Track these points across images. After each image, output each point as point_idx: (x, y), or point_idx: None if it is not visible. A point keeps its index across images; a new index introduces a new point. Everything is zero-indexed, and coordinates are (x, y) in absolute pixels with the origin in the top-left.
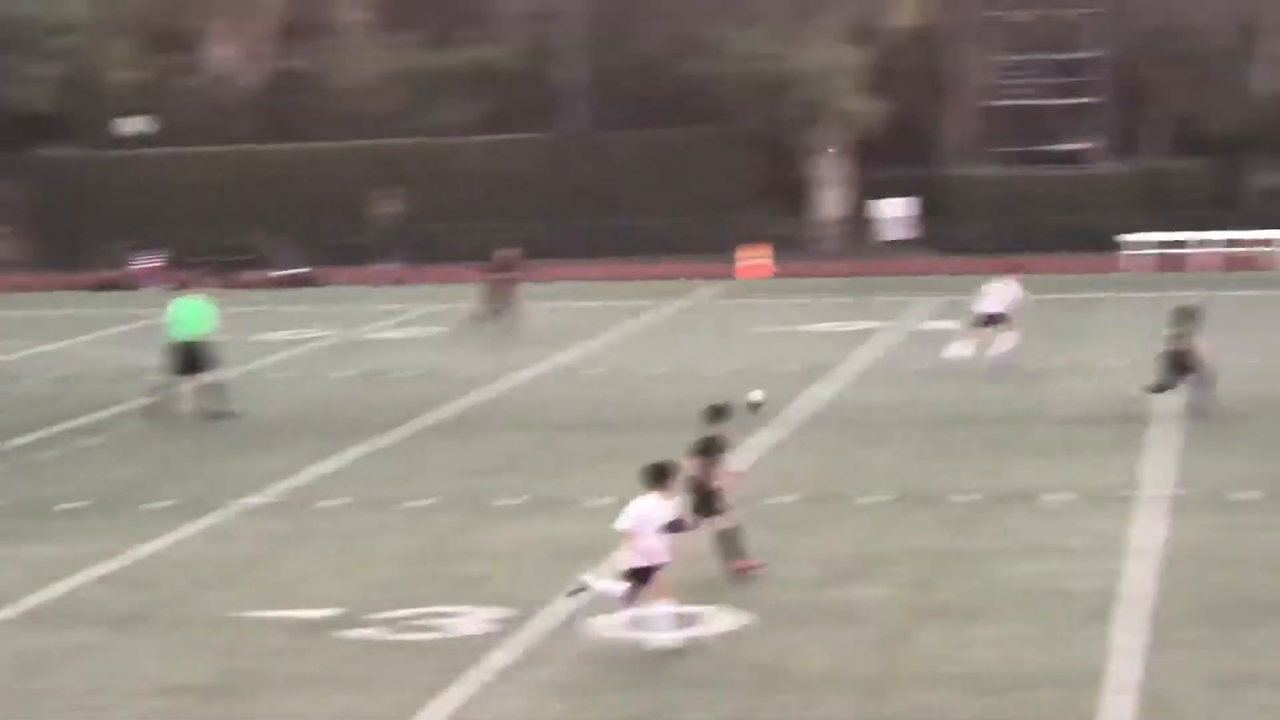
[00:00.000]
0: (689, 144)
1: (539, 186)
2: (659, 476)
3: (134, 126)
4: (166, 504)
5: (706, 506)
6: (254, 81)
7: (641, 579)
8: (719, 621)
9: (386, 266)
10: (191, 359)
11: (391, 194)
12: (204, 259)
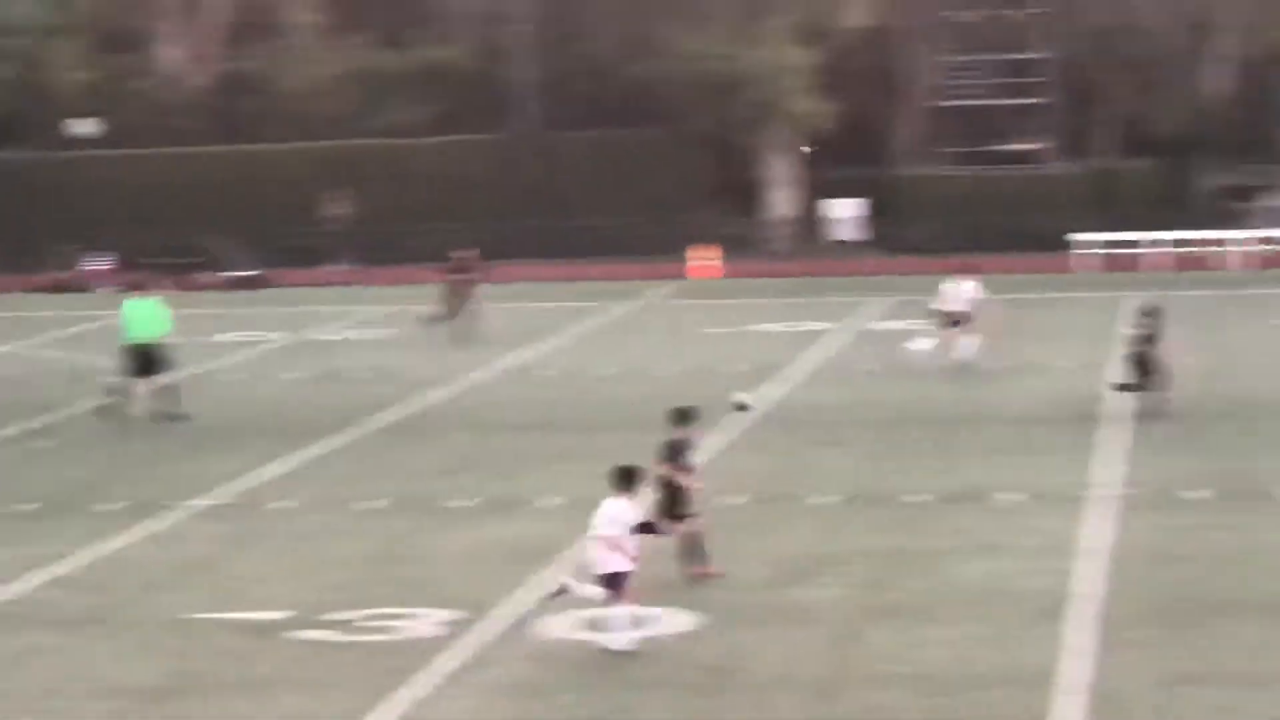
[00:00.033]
0: (640, 144)
1: (490, 187)
2: (627, 479)
3: (84, 128)
4: (119, 506)
5: (674, 509)
6: (204, 83)
7: (617, 583)
8: (671, 622)
9: (337, 268)
10: (146, 361)
11: (341, 195)
12: (153, 261)
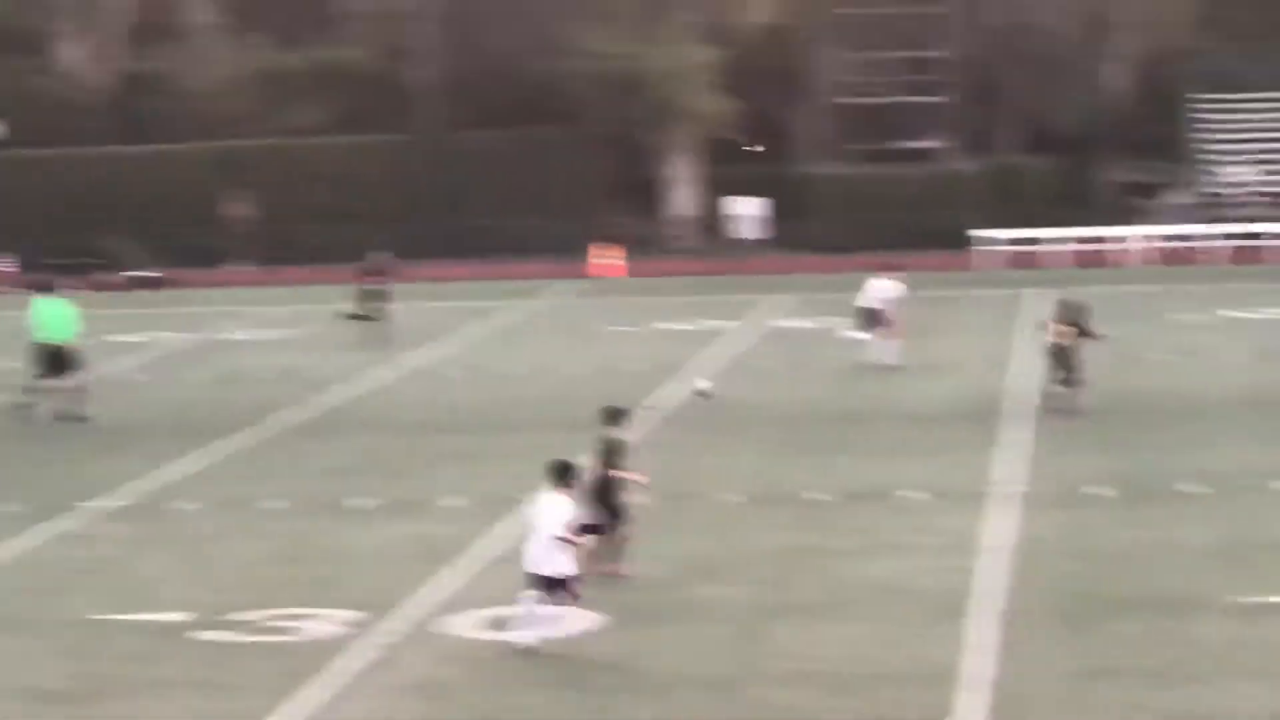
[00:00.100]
0: (542, 144)
1: (392, 187)
2: (563, 475)
3: None
4: (20, 508)
5: (608, 508)
6: (104, 83)
7: (565, 582)
8: (575, 621)
9: (239, 268)
10: (56, 361)
11: (243, 196)
12: (55, 262)
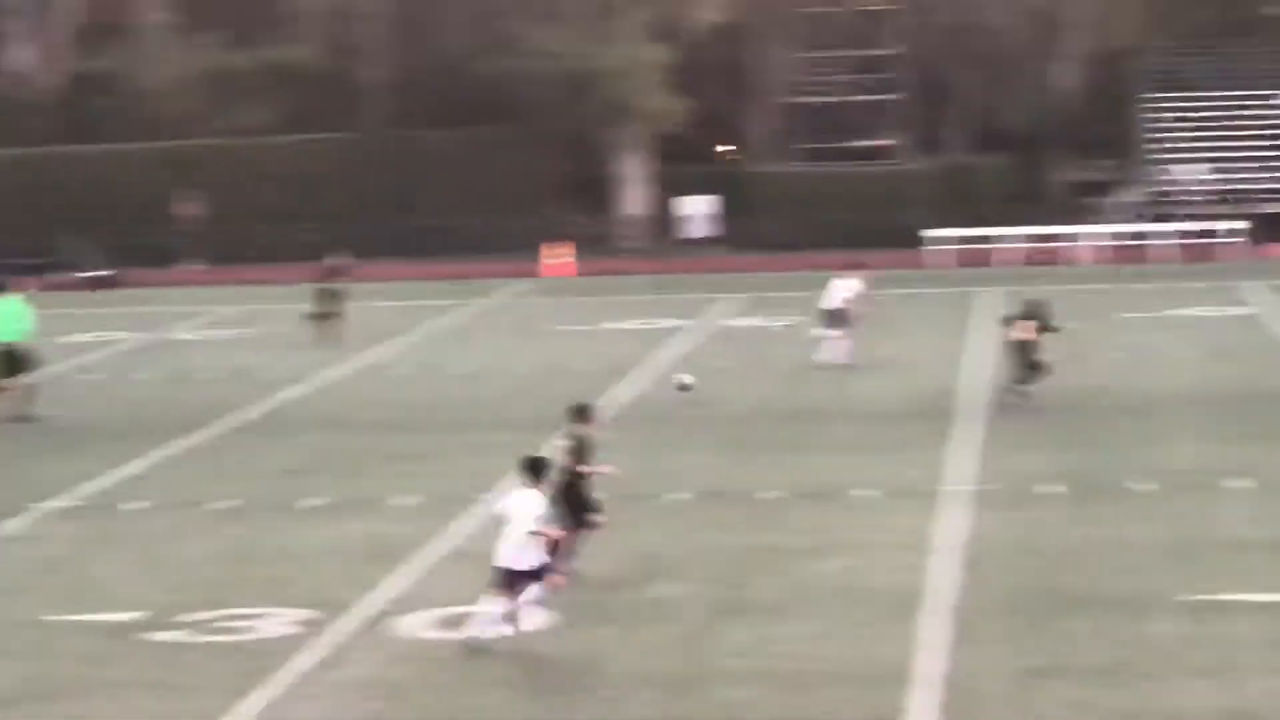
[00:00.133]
0: (493, 142)
1: (343, 187)
2: (535, 470)
3: None
4: None
5: (577, 504)
6: (54, 83)
7: (539, 576)
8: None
9: (190, 268)
10: (10, 361)
11: (193, 195)
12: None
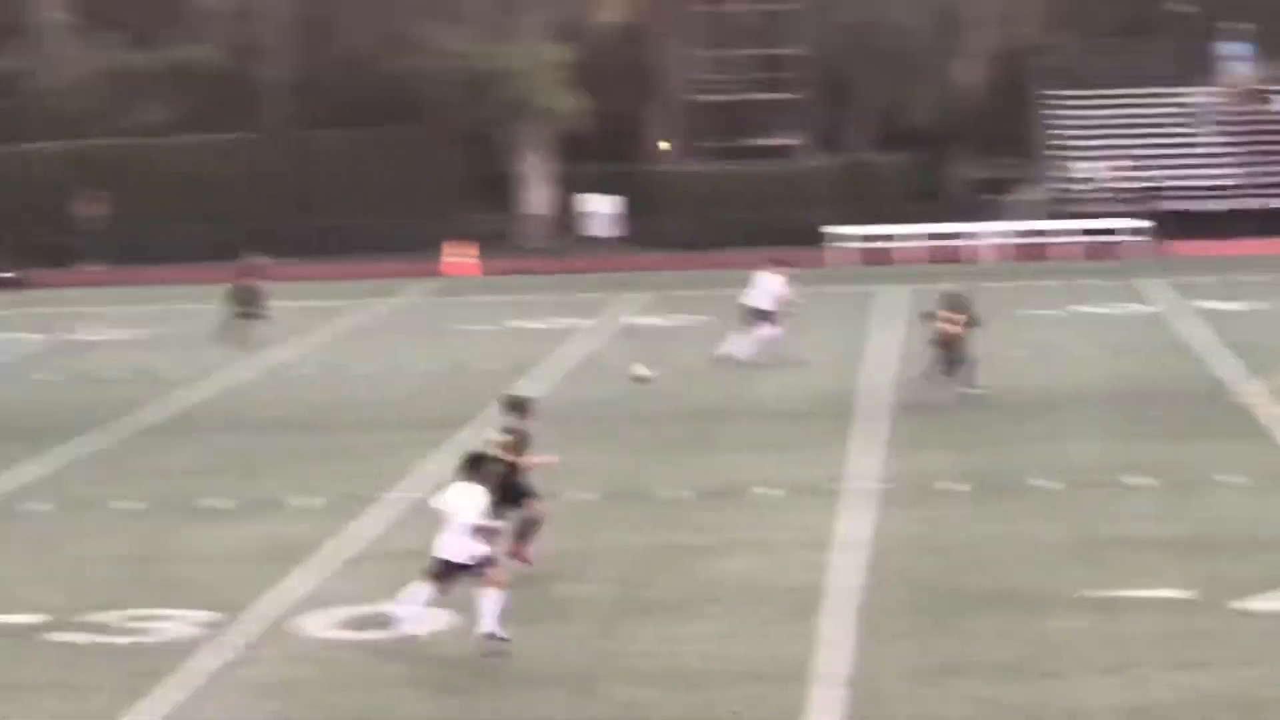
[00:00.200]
0: (395, 142)
1: (244, 186)
2: (475, 465)
3: None
4: None
5: (511, 496)
6: None
7: (483, 567)
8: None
9: (92, 268)
10: None
11: (95, 195)
12: None
